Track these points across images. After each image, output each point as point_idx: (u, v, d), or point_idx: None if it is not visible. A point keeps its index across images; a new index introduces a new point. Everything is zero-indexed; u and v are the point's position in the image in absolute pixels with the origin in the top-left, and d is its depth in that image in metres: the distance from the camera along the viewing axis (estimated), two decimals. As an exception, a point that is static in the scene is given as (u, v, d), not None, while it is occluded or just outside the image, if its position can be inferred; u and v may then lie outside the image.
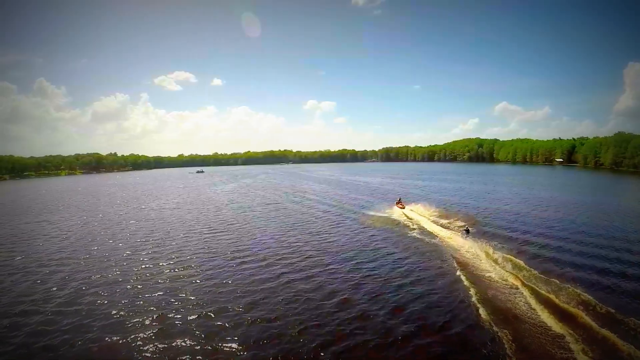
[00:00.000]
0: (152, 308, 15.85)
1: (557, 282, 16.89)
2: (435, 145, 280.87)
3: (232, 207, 46.84)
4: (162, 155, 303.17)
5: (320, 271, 20.11)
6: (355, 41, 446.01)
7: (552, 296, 15.40)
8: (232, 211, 43.32)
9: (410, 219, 34.11)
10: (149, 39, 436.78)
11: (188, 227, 34.18)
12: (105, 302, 16.82)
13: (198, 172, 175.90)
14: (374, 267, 20.65)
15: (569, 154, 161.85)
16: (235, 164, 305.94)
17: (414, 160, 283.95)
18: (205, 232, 31.43)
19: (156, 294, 17.33)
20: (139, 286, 18.75)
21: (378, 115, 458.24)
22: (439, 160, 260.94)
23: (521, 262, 19.84)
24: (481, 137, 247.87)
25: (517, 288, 16.50)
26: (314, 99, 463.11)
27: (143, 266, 22.19)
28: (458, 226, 29.50)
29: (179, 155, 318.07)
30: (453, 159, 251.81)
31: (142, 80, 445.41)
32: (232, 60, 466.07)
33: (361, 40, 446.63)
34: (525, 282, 17.05)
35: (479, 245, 23.17)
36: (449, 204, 43.77)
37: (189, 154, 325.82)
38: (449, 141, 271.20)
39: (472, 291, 16.37)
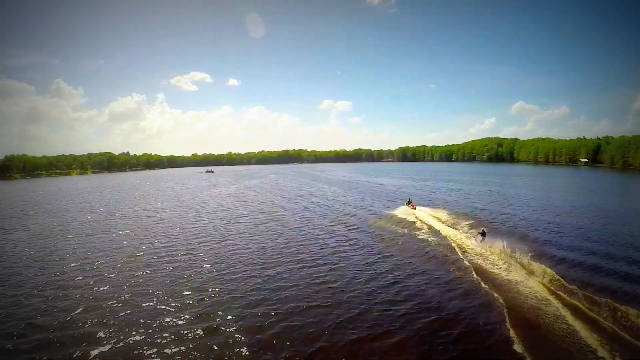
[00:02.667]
0: None
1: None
2: (453, 145, 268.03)
3: (216, 217, 38.73)
4: (176, 154, 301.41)
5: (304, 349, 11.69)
6: (371, 40, 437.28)
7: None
8: (214, 222, 35.31)
9: (429, 226, 30.35)
10: (164, 40, 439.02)
11: (147, 244, 26.55)
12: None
13: (207, 171, 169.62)
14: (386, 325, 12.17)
15: (594, 154, 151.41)
16: (249, 163, 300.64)
17: (431, 160, 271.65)
18: (162, 253, 23.51)
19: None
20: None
21: (394, 115, 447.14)
22: (457, 160, 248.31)
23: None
24: (500, 137, 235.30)
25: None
26: (330, 98, 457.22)
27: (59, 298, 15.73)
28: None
29: (193, 155, 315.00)
30: (472, 158, 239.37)
31: (158, 81, 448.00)
32: (247, 60, 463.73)
33: (376, 39, 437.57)
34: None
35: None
36: (469, 208, 40.05)
37: (203, 153, 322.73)
38: (467, 141, 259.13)
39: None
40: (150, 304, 15.52)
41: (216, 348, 11.86)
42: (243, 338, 12.42)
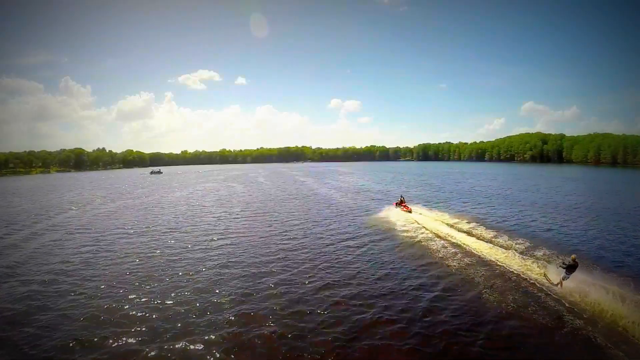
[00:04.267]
0: None
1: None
2: (486, 142, 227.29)
3: None
4: (163, 152, 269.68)
5: None
6: (380, 39, 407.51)
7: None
8: None
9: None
10: (172, 38, 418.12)
11: None
12: None
13: (153, 172, 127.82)
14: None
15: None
16: (244, 162, 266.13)
17: (458, 159, 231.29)
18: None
19: None
20: None
21: (404, 115, 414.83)
22: (491, 160, 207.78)
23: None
24: (542, 132, 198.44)
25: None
26: (338, 97, 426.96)
27: None
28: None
29: (183, 152, 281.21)
30: (509, 158, 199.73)
31: (166, 80, 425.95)
32: (255, 59, 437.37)
33: (386, 38, 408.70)
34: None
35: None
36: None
37: (194, 150, 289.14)
38: (492, 139, 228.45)
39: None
40: None
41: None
42: None
